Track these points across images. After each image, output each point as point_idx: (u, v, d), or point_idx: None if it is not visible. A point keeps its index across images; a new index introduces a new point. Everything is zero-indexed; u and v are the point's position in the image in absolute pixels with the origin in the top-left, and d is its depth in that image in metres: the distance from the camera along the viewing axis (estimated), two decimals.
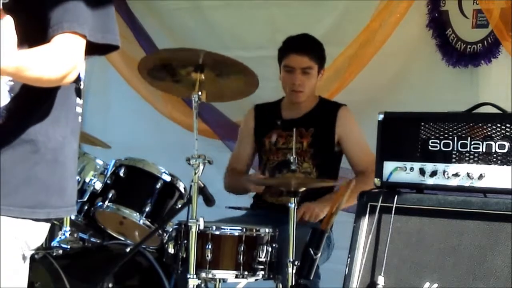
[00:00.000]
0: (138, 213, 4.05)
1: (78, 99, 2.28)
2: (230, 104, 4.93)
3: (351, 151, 4.31)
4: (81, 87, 2.29)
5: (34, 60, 2.01)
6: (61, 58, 2.07)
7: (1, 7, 1.96)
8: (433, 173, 3.15)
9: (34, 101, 2.15)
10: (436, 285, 3.05)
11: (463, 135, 3.12)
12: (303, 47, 4.29)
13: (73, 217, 4.06)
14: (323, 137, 4.30)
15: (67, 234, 4.06)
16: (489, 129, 3.07)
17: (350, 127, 4.32)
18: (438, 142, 3.15)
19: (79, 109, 2.29)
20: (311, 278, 3.46)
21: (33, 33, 2.07)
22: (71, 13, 2.09)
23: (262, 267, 3.78)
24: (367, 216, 3.23)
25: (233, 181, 4.48)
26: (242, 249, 3.74)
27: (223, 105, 5.24)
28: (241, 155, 4.56)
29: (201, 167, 3.57)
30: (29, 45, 2.03)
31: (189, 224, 3.59)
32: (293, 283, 3.61)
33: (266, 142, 4.40)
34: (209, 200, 3.77)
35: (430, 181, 3.16)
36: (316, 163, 4.28)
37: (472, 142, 3.10)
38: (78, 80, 2.22)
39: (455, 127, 3.13)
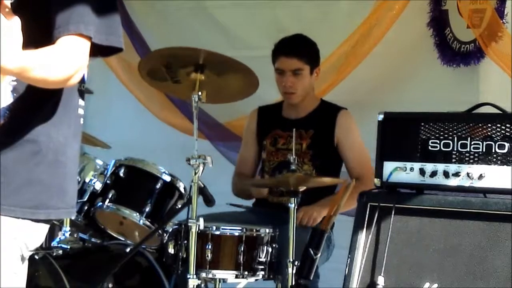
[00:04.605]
0: (138, 213, 4.05)
1: (80, 100, 2.28)
2: (217, 105, 4.91)
3: (346, 156, 4.32)
4: (84, 88, 2.29)
5: (39, 61, 2.01)
6: (66, 59, 2.07)
7: (9, 6, 1.96)
8: (433, 173, 3.15)
9: (37, 102, 2.15)
10: (436, 285, 3.05)
11: (463, 135, 3.11)
12: (291, 50, 4.30)
13: (73, 217, 4.05)
14: (322, 139, 4.30)
15: (67, 235, 4.06)
16: (489, 129, 3.07)
17: (348, 131, 4.32)
18: (438, 142, 3.15)
19: (81, 111, 2.29)
20: (311, 278, 3.46)
21: (37, 34, 2.07)
22: (77, 15, 2.09)
23: (262, 267, 3.78)
24: (367, 216, 3.22)
25: (239, 185, 4.48)
26: (242, 249, 3.74)
27: (210, 107, 5.19)
28: (246, 158, 4.55)
29: (201, 167, 3.58)
30: (33, 47, 2.03)
31: (189, 224, 3.60)
32: (293, 283, 3.61)
33: (267, 143, 4.40)
34: (209, 201, 3.77)
35: (430, 181, 3.15)
36: (316, 164, 4.28)
37: (472, 142, 3.09)
38: (81, 81, 2.22)
39: (455, 127, 3.13)
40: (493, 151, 3.06)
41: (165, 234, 3.99)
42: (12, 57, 1.94)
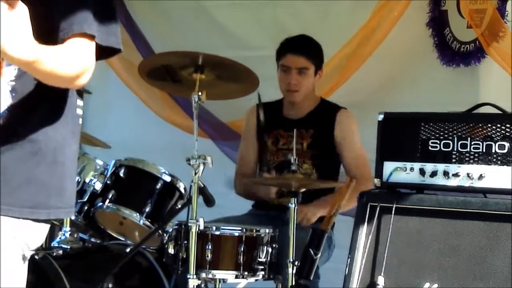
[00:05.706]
0: (138, 213, 4.05)
1: (79, 100, 2.28)
2: (221, 105, 4.91)
3: (343, 155, 4.30)
4: (82, 89, 2.29)
5: (52, 54, 2.02)
6: (76, 58, 2.09)
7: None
8: (433, 173, 3.15)
9: (35, 101, 2.15)
10: (436, 285, 3.05)
11: (463, 135, 3.11)
12: (299, 48, 4.30)
13: (73, 217, 4.06)
14: (322, 139, 4.29)
15: (67, 235, 4.06)
16: (489, 129, 3.07)
17: (347, 131, 4.30)
18: (438, 142, 3.15)
19: (79, 111, 2.29)
20: (311, 278, 3.46)
21: (36, 33, 2.06)
22: (80, 17, 2.11)
23: (262, 267, 3.78)
24: (367, 216, 3.22)
25: (241, 186, 4.46)
26: (242, 250, 3.74)
27: (213, 106, 5.21)
28: (246, 157, 4.49)
29: (201, 167, 3.58)
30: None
31: (189, 224, 3.60)
32: (293, 283, 3.60)
33: (268, 142, 4.38)
34: (209, 201, 3.77)
35: (430, 181, 3.15)
36: (316, 164, 4.27)
37: (472, 142, 3.09)
38: None
39: (455, 127, 3.13)
40: (493, 151, 3.06)
41: (165, 234, 3.99)
42: (30, 47, 1.94)
